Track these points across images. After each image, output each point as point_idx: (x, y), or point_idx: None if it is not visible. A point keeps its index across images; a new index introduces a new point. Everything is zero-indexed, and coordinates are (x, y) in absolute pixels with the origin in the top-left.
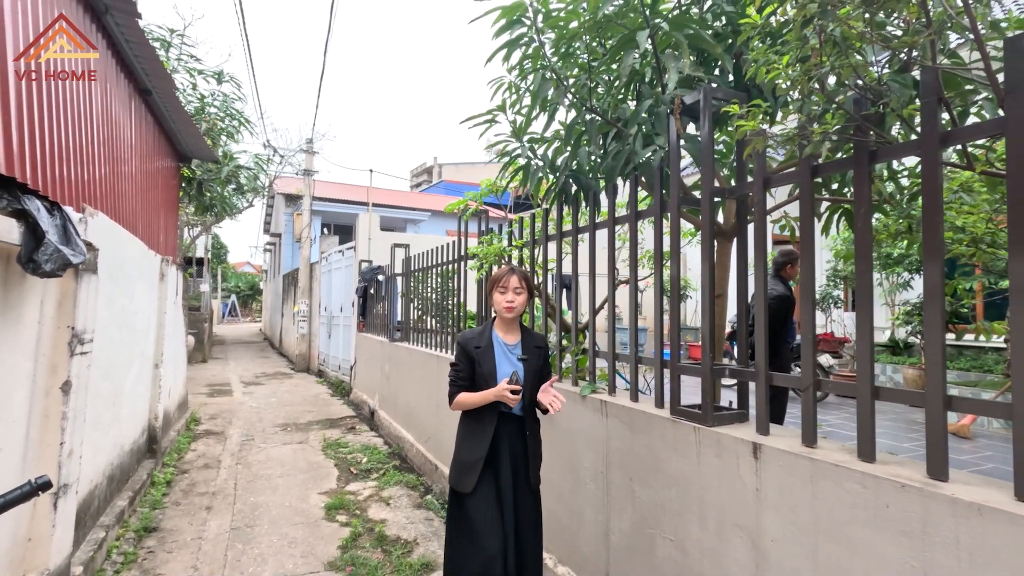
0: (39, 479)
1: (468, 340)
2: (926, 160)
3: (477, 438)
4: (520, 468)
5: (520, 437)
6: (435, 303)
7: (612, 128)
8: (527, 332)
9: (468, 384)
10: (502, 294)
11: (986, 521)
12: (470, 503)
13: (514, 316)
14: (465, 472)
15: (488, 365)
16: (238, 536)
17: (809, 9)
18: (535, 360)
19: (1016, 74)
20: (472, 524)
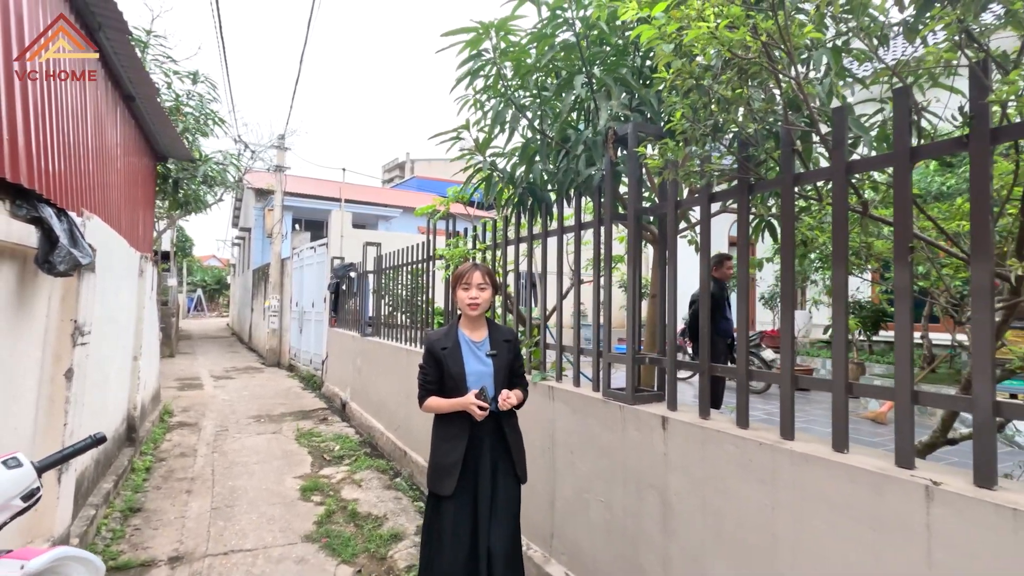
0: (96, 434)
1: (434, 341)
2: (784, 194)
3: (453, 441)
4: (501, 464)
5: (498, 434)
6: (405, 300)
7: (561, 148)
8: (494, 327)
9: (436, 386)
10: (465, 291)
11: (811, 466)
12: (445, 508)
13: (479, 313)
14: (443, 475)
15: (456, 365)
16: (219, 515)
17: (687, 83)
18: (505, 354)
19: (838, 134)
20: (443, 532)
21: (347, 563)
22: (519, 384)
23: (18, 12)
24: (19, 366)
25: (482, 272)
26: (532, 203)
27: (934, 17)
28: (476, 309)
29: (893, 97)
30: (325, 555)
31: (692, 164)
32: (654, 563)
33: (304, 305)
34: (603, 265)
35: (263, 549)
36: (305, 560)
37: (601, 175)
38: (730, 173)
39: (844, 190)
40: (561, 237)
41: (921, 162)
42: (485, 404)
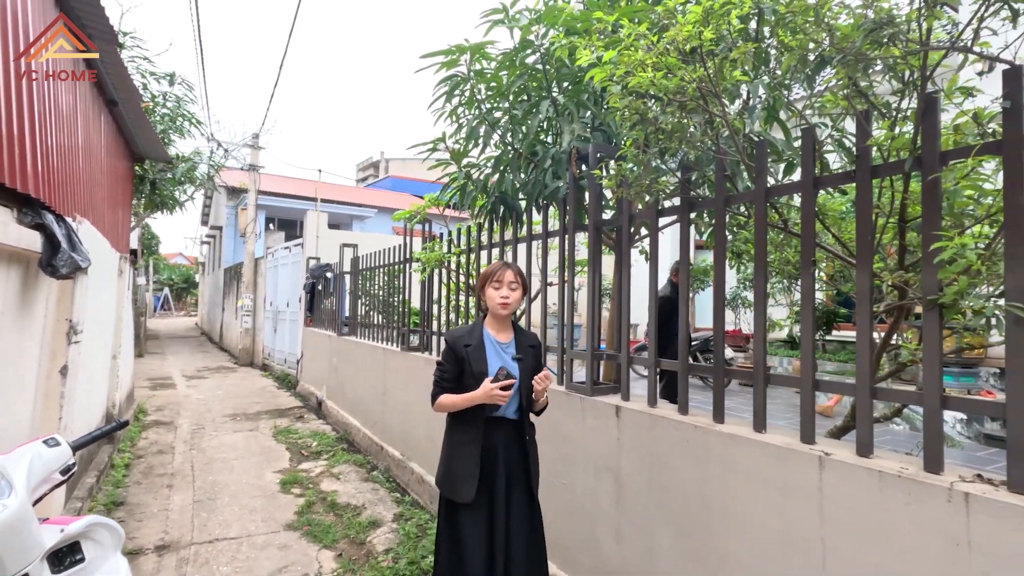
0: (121, 419)
1: (457, 338)
2: (717, 212)
3: (469, 445)
4: (516, 477)
5: (517, 443)
6: (382, 300)
7: (531, 161)
8: (520, 330)
9: (453, 385)
10: (496, 289)
11: (735, 443)
12: (461, 518)
13: (509, 313)
14: (460, 481)
15: (480, 364)
16: (202, 507)
17: (631, 118)
18: (530, 360)
19: (759, 164)
20: (459, 542)
21: (328, 548)
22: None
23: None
24: (23, 362)
25: (514, 271)
26: (504, 211)
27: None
28: (507, 308)
29: (801, 136)
30: (307, 541)
31: (642, 185)
32: (608, 536)
33: (279, 305)
34: (568, 270)
35: (247, 537)
36: (288, 546)
37: (566, 189)
38: (675, 192)
39: (764, 210)
40: (530, 244)
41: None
42: (510, 382)
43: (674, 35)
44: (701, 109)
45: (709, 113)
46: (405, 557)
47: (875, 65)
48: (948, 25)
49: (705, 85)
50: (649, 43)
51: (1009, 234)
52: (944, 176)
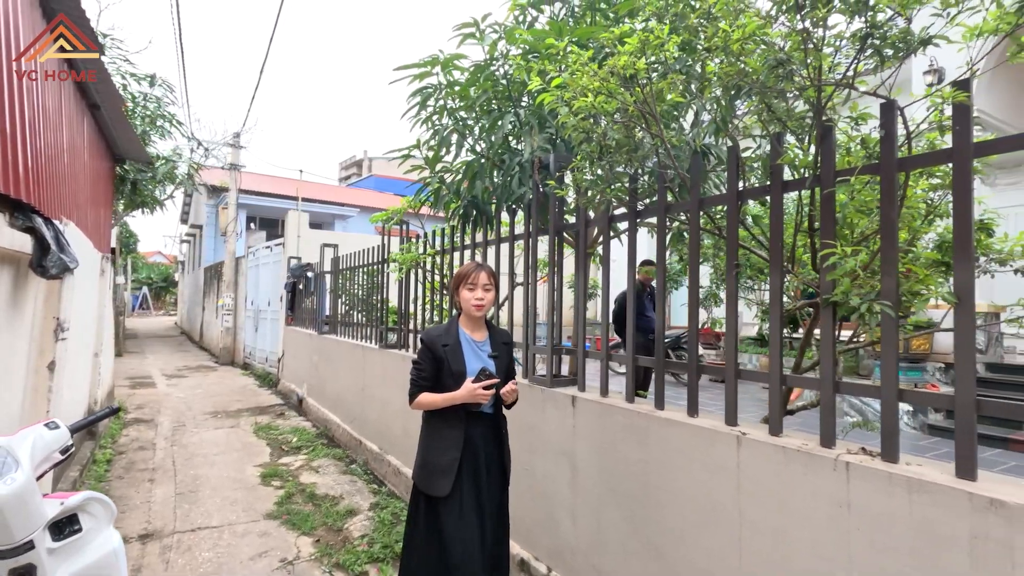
0: (112, 406)
1: (434, 338)
2: (659, 219)
3: (448, 440)
4: (492, 468)
5: (494, 437)
6: (362, 299)
7: (499, 168)
8: (493, 328)
9: (431, 384)
10: (471, 291)
11: (672, 427)
12: (442, 510)
13: (483, 314)
14: (438, 475)
15: (458, 364)
16: (184, 499)
17: (579, 136)
18: (504, 357)
19: (694, 177)
20: (440, 533)
21: (306, 535)
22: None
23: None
24: (13, 358)
25: (487, 273)
26: (475, 214)
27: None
28: (481, 310)
29: (728, 152)
30: (286, 529)
31: (595, 194)
32: (565, 517)
33: (259, 304)
34: (531, 272)
35: (228, 526)
36: (268, 534)
37: (531, 195)
38: (627, 201)
39: (697, 218)
40: (498, 246)
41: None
42: (492, 382)
43: (614, 63)
44: (642, 127)
45: (648, 131)
46: (380, 542)
47: (789, 92)
48: (838, 63)
49: (643, 106)
50: (592, 70)
51: (883, 244)
52: (844, 190)
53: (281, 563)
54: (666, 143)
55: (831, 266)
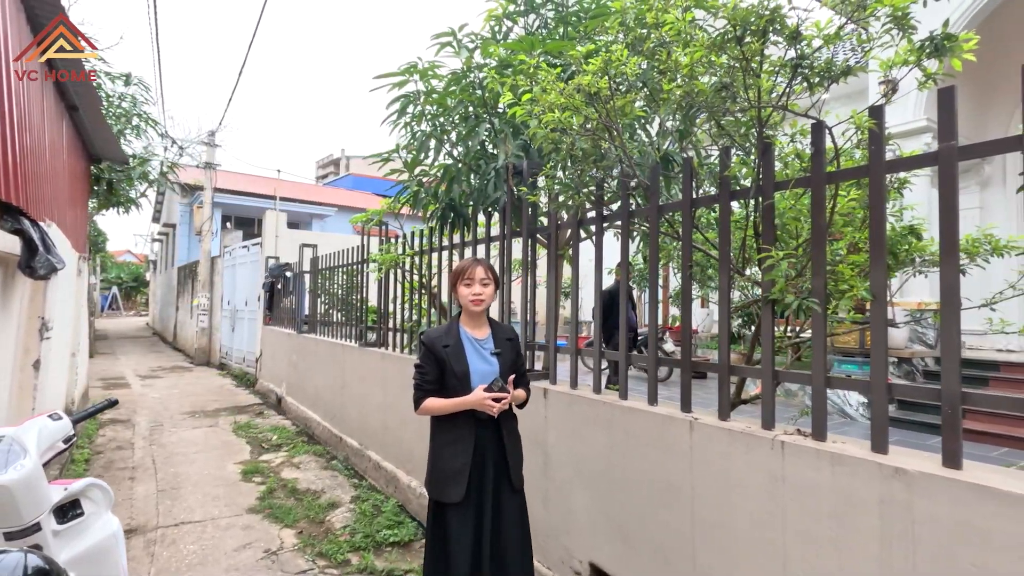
0: (111, 399)
1: (434, 339)
2: (623, 224)
3: (458, 444)
4: (501, 472)
5: (498, 440)
6: (341, 299)
7: (475, 173)
8: (496, 325)
9: (435, 387)
10: (468, 286)
11: (633, 415)
12: (449, 518)
13: (482, 310)
14: (449, 481)
15: (460, 364)
16: (165, 495)
17: (548, 147)
18: (508, 353)
19: (652, 186)
20: (446, 541)
21: (289, 527)
22: (522, 384)
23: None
24: (1, 356)
25: (484, 267)
26: (453, 217)
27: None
28: (480, 305)
29: (682, 165)
30: (269, 522)
31: (565, 200)
32: (537, 500)
33: (236, 304)
34: (506, 273)
35: (211, 520)
36: (251, 527)
37: (505, 199)
38: (594, 207)
39: (656, 222)
40: (475, 247)
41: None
42: (503, 395)
43: (578, 82)
44: (606, 139)
45: (611, 143)
46: (361, 531)
47: (733, 112)
48: (780, 84)
49: (607, 120)
50: (560, 87)
51: (813, 248)
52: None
53: (265, 553)
54: (628, 154)
55: (769, 268)
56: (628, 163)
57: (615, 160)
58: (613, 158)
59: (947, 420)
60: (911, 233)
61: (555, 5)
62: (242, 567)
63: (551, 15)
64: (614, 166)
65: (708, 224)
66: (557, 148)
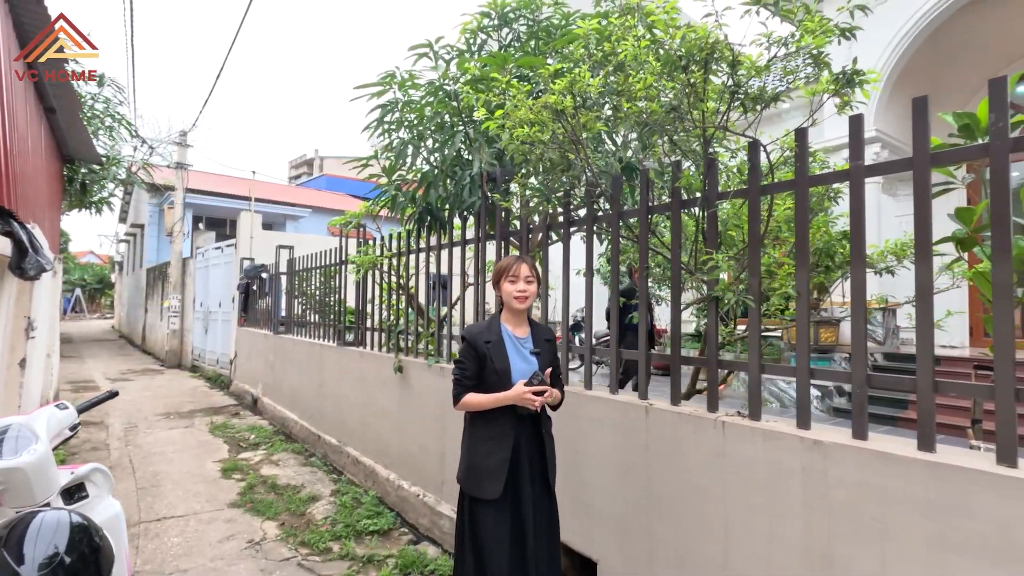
0: (112, 390)
1: (476, 335)
2: (587, 229)
3: (495, 440)
4: (536, 471)
5: (536, 438)
6: (318, 300)
7: (451, 179)
8: (535, 325)
9: (474, 382)
10: (512, 283)
11: (595, 403)
12: (483, 515)
13: (526, 307)
14: (486, 477)
15: (501, 361)
16: (146, 493)
17: (517, 158)
18: (547, 354)
19: (614, 194)
20: (481, 539)
21: (271, 520)
22: (557, 385)
23: None
24: None
25: (529, 265)
26: (430, 220)
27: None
28: (524, 302)
29: (640, 175)
30: (251, 516)
31: (536, 206)
32: None
33: (210, 305)
34: (479, 274)
35: (193, 515)
36: (233, 520)
37: (480, 204)
38: (561, 213)
39: (617, 227)
40: (451, 249)
41: None
42: (543, 388)
43: (545, 100)
44: (573, 151)
45: (577, 152)
46: (342, 522)
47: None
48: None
49: (572, 135)
50: (528, 104)
51: (750, 251)
52: (727, 209)
53: (248, 543)
54: (592, 166)
55: (711, 269)
56: (593, 173)
57: (581, 170)
58: (579, 168)
59: (856, 400)
60: (844, 238)
61: (528, 20)
62: (227, 556)
63: (524, 29)
64: (581, 175)
65: (665, 229)
66: (527, 159)
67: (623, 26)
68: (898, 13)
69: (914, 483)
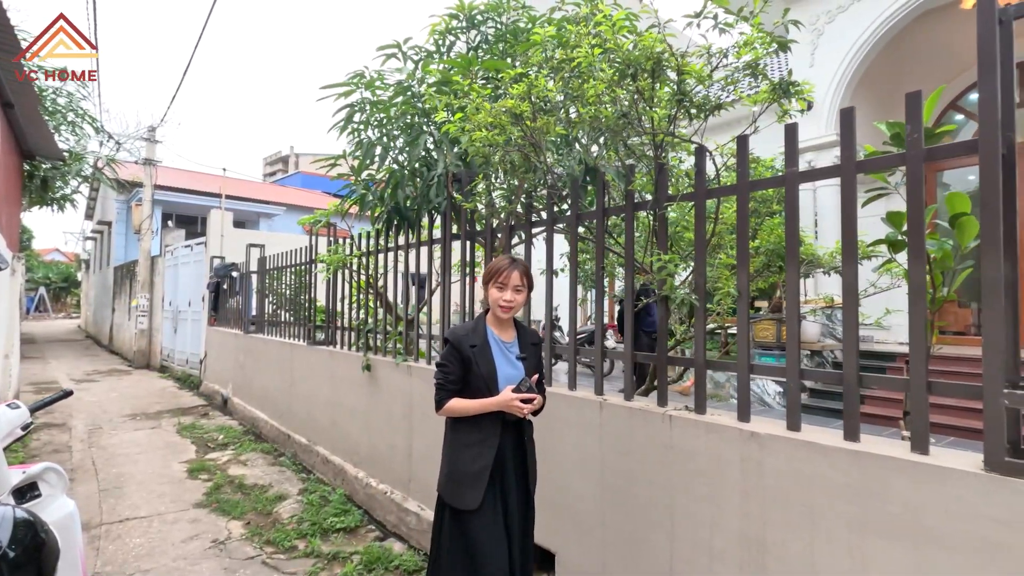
0: (66, 389)
1: (461, 338)
2: (547, 230)
3: (479, 447)
4: (518, 478)
5: (519, 445)
6: (289, 299)
7: (419, 178)
8: (522, 328)
9: (459, 387)
10: (499, 291)
11: (557, 399)
12: (472, 523)
13: (510, 317)
14: (467, 485)
15: (487, 366)
16: (109, 495)
17: (477, 160)
18: (533, 359)
19: (573, 196)
20: (474, 548)
21: (237, 519)
22: (540, 390)
23: None
24: None
25: (520, 272)
26: (398, 220)
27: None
28: (508, 312)
29: (597, 178)
30: (216, 516)
31: (501, 207)
32: None
33: (179, 304)
34: (444, 273)
35: (157, 515)
36: (198, 520)
37: (446, 204)
38: (523, 214)
39: (576, 228)
40: (418, 249)
41: None
42: (532, 396)
43: (503, 104)
44: (533, 154)
45: (537, 155)
46: (308, 520)
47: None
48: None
49: (531, 138)
50: (488, 108)
51: (696, 252)
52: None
53: (213, 543)
54: (552, 169)
55: (660, 268)
56: (552, 176)
57: (544, 172)
58: (542, 171)
59: (790, 394)
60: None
61: (495, 23)
62: (190, 556)
63: (491, 32)
64: (544, 177)
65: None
66: (488, 161)
67: (578, 33)
68: (859, 20)
69: (838, 470)
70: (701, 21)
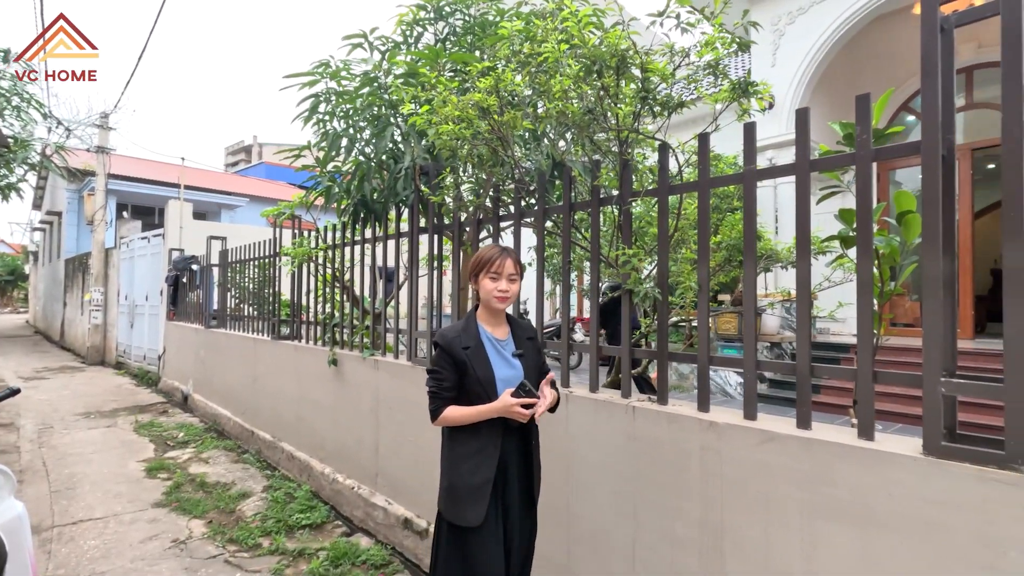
0: (13, 387)
1: (451, 340)
2: (515, 224)
3: (480, 457)
4: (523, 487)
5: (524, 452)
6: (252, 292)
7: (385, 171)
8: (514, 322)
9: (454, 394)
10: (494, 281)
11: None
12: (471, 539)
13: (506, 307)
14: (467, 500)
15: (483, 369)
16: (60, 496)
17: (445, 153)
18: (531, 354)
19: (540, 190)
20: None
21: (198, 518)
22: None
23: None
24: None
25: (514, 261)
26: (365, 213)
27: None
28: (505, 302)
29: (564, 172)
30: (176, 515)
31: (469, 202)
32: None
33: (136, 298)
34: (413, 266)
35: (113, 516)
36: (157, 520)
37: (413, 197)
38: (491, 208)
39: (543, 223)
40: (385, 242)
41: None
42: (533, 400)
43: (470, 97)
44: (500, 148)
45: (505, 150)
46: (273, 517)
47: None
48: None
49: (498, 132)
50: (455, 101)
51: (659, 247)
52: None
53: (173, 543)
54: (519, 164)
55: (624, 263)
56: (520, 170)
57: (511, 167)
58: (509, 165)
59: (747, 384)
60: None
61: (463, 15)
62: (148, 557)
63: (460, 24)
64: (512, 171)
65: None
66: (455, 154)
67: (545, 28)
68: (818, 22)
69: (791, 457)
70: (664, 20)
